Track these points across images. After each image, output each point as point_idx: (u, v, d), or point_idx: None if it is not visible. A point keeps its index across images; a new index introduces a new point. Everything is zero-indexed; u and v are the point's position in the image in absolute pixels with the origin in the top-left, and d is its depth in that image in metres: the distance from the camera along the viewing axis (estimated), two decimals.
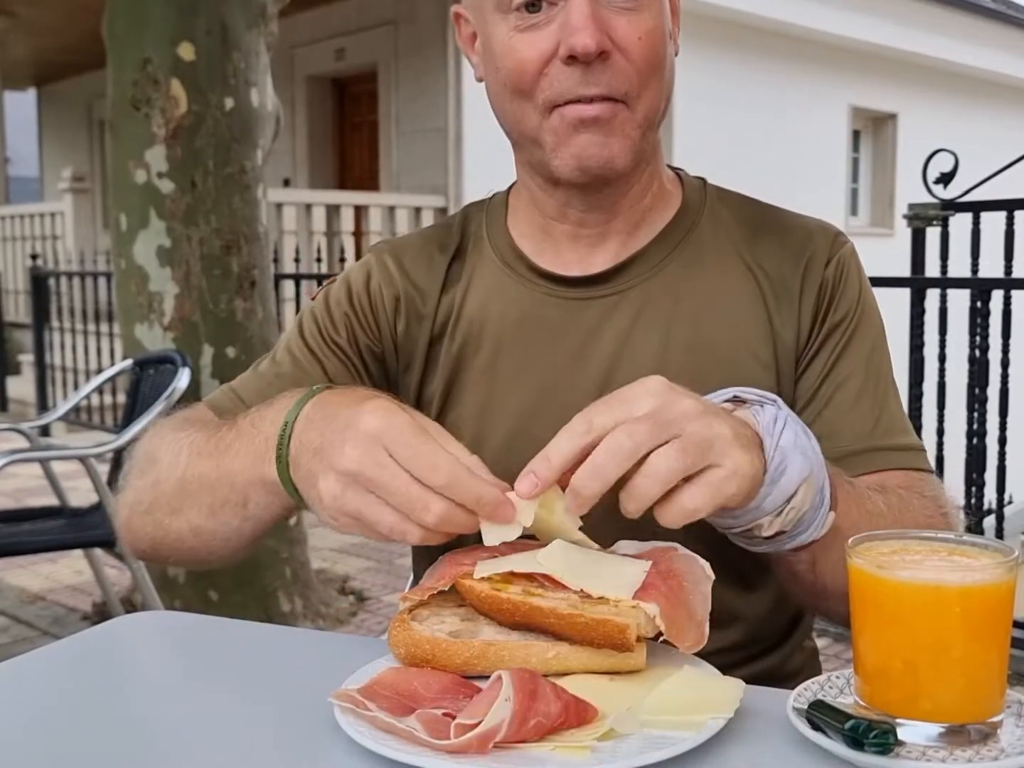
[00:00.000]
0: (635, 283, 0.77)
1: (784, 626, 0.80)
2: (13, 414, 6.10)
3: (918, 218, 2.63)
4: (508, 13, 0.70)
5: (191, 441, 0.70)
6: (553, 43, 0.69)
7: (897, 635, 0.50)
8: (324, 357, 0.80)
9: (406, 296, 0.80)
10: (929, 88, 8.92)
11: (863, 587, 0.52)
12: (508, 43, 0.71)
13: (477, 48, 0.77)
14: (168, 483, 0.70)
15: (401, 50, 6.65)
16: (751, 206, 0.82)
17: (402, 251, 0.82)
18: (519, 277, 0.79)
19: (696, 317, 0.76)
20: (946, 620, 0.49)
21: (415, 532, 0.56)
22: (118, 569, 2.70)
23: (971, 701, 0.50)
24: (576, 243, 0.78)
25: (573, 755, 0.50)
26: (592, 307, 0.77)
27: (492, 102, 0.76)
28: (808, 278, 0.77)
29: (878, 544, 0.54)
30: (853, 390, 0.76)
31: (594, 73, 0.69)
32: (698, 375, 0.73)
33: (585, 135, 0.70)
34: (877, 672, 0.52)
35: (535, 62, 0.70)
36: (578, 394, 0.74)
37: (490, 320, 0.78)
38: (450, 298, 0.80)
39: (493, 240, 0.81)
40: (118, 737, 0.56)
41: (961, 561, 0.52)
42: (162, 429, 0.76)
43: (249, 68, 2.54)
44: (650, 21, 0.70)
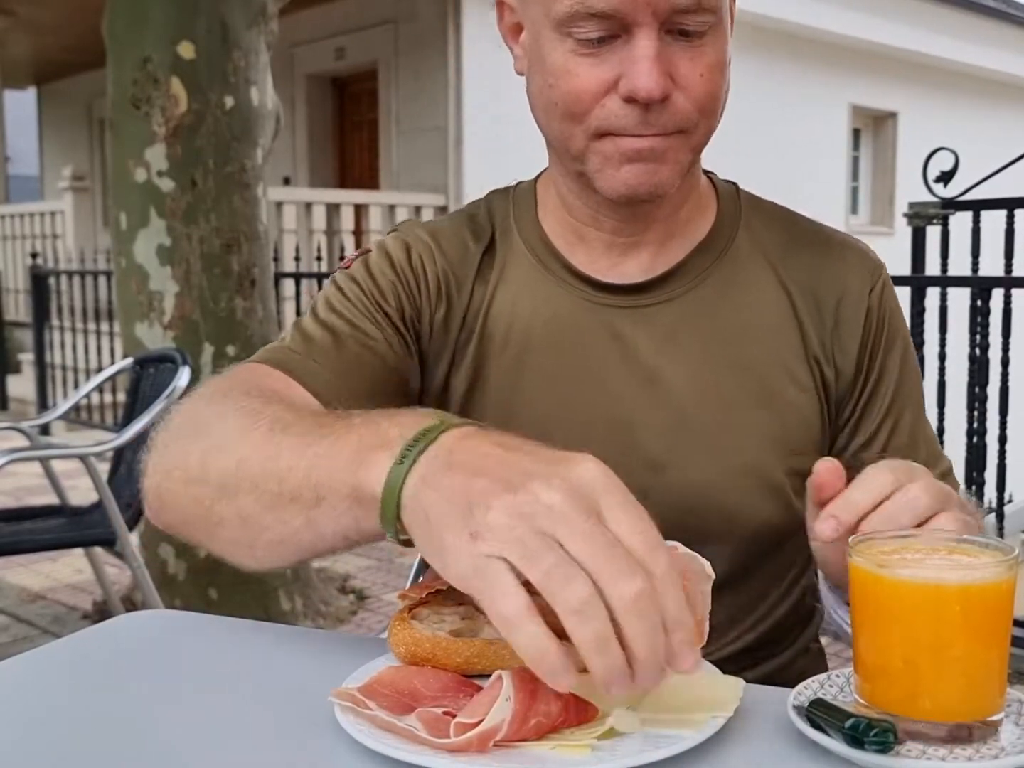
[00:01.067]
0: (674, 295, 0.75)
1: (794, 629, 0.80)
2: (13, 413, 6.11)
3: (918, 217, 2.63)
4: (564, 37, 0.66)
5: (274, 417, 0.57)
6: (613, 75, 0.66)
7: (897, 634, 0.50)
8: (379, 325, 0.73)
9: (445, 279, 0.76)
10: (929, 87, 8.92)
11: (863, 585, 0.52)
12: (565, 65, 0.67)
13: (522, 41, 0.72)
14: (226, 457, 0.57)
15: (401, 49, 6.65)
16: (785, 218, 0.80)
17: (437, 233, 0.78)
18: (553, 276, 0.76)
19: (733, 334, 0.74)
20: (946, 619, 0.49)
21: (600, 617, 0.42)
22: (118, 568, 2.70)
23: (971, 700, 0.50)
24: (609, 250, 0.76)
25: (573, 754, 0.50)
26: (628, 316, 0.75)
27: (533, 105, 0.72)
28: (847, 304, 0.75)
29: (878, 543, 0.54)
30: (908, 425, 0.76)
31: (653, 114, 0.67)
32: (734, 394, 0.73)
33: (638, 164, 0.68)
34: (877, 671, 0.52)
35: (592, 93, 0.67)
36: (611, 403, 0.73)
37: (520, 317, 0.75)
38: (482, 290, 0.76)
39: (523, 233, 0.78)
40: (118, 736, 0.56)
41: (961, 560, 0.52)
42: (222, 391, 0.64)
43: (249, 67, 2.53)
44: (712, 55, 0.67)
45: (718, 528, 0.73)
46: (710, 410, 0.73)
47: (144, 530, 2.58)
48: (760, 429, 0.73)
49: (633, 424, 0.73)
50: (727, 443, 0.73)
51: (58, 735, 0.56)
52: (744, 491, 0.73)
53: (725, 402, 0.73)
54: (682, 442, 0.73)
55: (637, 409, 0.73)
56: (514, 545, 0.43)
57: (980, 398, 2.54)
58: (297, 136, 7.33)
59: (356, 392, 0.68)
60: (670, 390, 0.73)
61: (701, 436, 0.73)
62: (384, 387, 0.72)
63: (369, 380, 0.71)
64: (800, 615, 0.81)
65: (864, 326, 0.75)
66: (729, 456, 0.73)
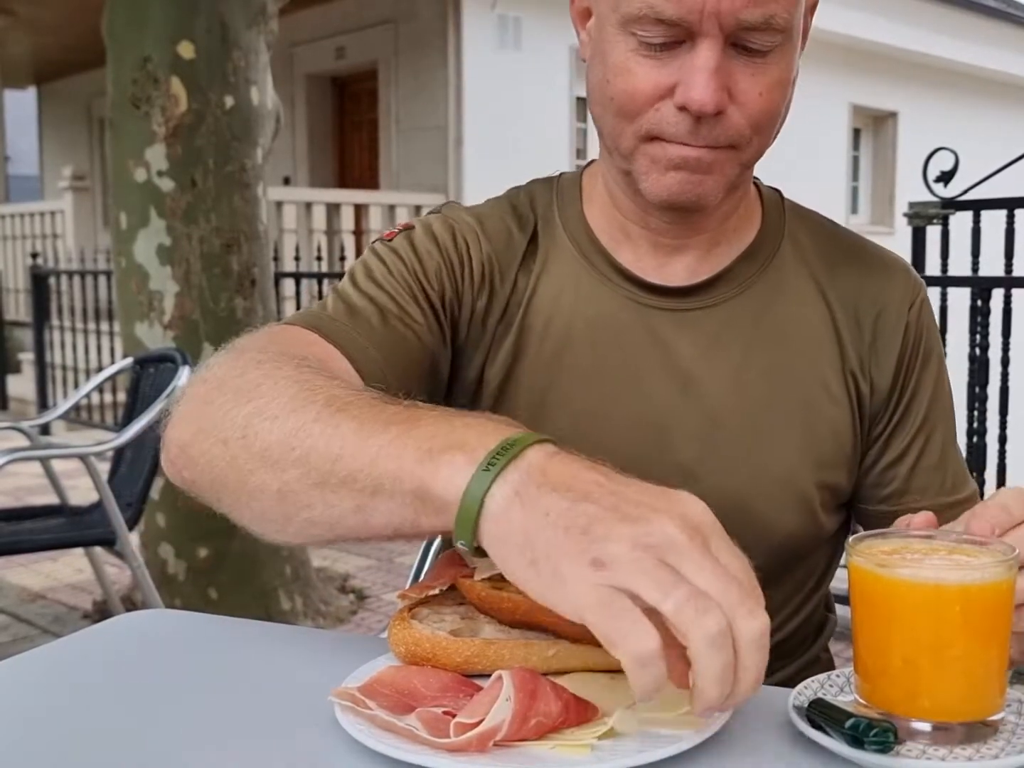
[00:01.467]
0: (718, 301, 0.75)
1: (807, 640, 0.80)
2: (13, 412, 6.11)
3: (918, 216, 2.63)
4: (627, 36, 0.66)
5: (331, 394, 0.54)
6: (671, 81, 0.65)
7: (897, 633, 0.50)
8: (420, 307, 0.70)
9: (489, 266, 0.74)
10: (930, 87, 8.92)
11: (863, 585, 0.52)
12: (625, 63, 0.66)
13: (589, 27, 0.71)
14: (277, 428, 0.53)
15: (401, 48, 6.65)
16: (828, 230, 0.80)
17: (482, 217, 0.76)
18: (598, 273, 0.75)
19: (773, 343, 0.74)
20: (946, 619, 0.49)
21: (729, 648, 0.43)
22: (118, 567, 2.70)
23: (971, 699, 0.50)
24: (655, 249, 0.75)
25: (573, 753, 0.50)
26: (671, 318, 0.74)
27: (591, 95, 0.71)
28: (887, 319, 0.75)
29: (879, 542, 0.54)
30: (939, 444, 0.76)
31: (706, 127, 0.66)
32: (770, 404, 0.73)
33: (683, 172, 0.67)
34: (877, 670, 0.52)
35: (648, 95, 0.66)
36: (647, 405, 0.73)
37: (561, 312, 0.74)
38: (524, 280, 0.75)
39: (568, 226, 0.77)
40: (118, 735, 0.56)
41: (961, 559, 0.52)
42: (272, 353, 0.60)
43: (249, 66, 2.53)
44: (776, 74, 0.66)
45: (745, 537, 0.72)
46: (745, 418, 0.73)
47: (144, 530, 2.58)
48: (793, 440, 0.73)
49: (667, 428, 0.73)
50: (760, 452, 0.73)
51: (58, 735, 0.56)
52: (773, 501, 0.72)
53: (760, 411, 0.73)
54: (715, 449, 0.73)
55: (672, 413, 0.73)
56: (642, 577, 0.43)
57: (980, 398, 2.54)
58: (297, 136, 7.33)
59: (397, 374, 0.66)
60: (706, 396, 0.73)
61: (734, 444, 0.73)
62: (419, 371, 0.70)
63: (408, 362, 0.68)
64: (814, 625, 0.80)
65: (902, 342, 0.75)
66: (761, 466, 0.72)
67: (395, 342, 0.68)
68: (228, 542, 2.45)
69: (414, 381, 0.68)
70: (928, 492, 0.75)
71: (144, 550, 2.57)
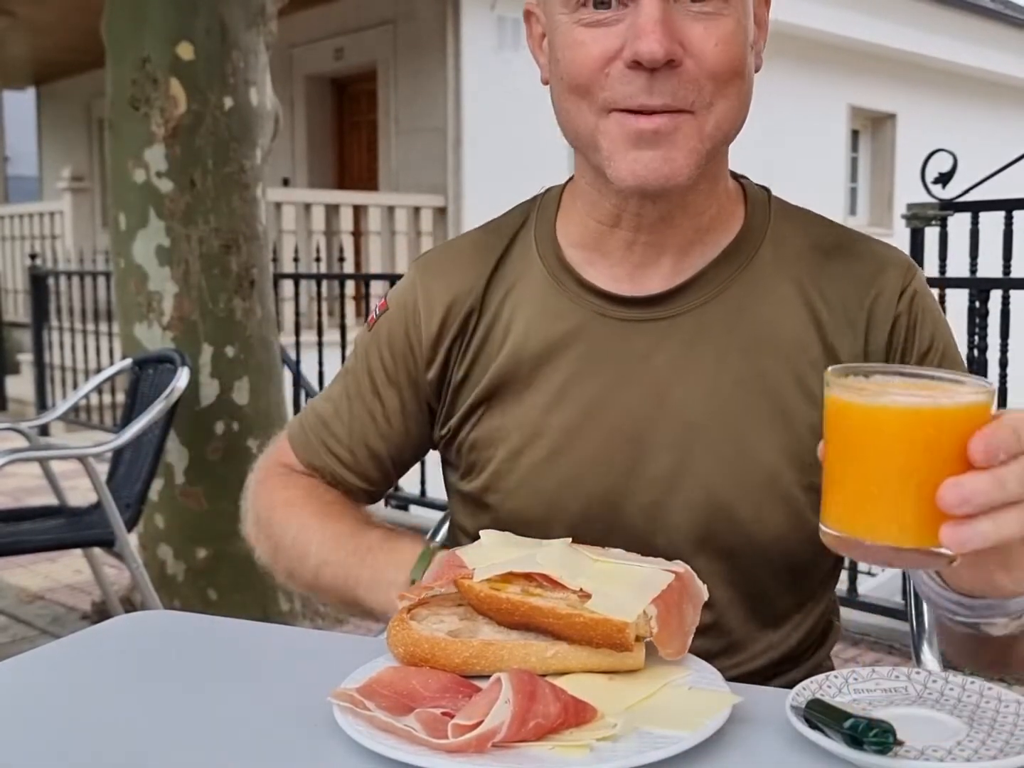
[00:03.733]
0: (691, 307, 0.73)
1: (809, 649, 0.79)
2: (12, 413, 6.10)
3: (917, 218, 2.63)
4: (575, 11, 0.66)
5: (321, 540, 0.80)
6: (618, 43, 0.65)
7: (871, 460, 0.50)
8: (399, 389, 0.81)
9: (451, 311, 0.78)
10: (928, 88, 8.93)
11: (841, 413, 0.51)
12: (571, 35, 0.66)
13: (544, 48, 0.73)
14: (299, 567, 0.82)
15: (400, 49, 6.65)
16: (817, 227, 0.77)
17: (442, 266, 0.80)
18: (566, 291, 0.75)
19: (749, 348, 0.72)
20: (919, 442, 0.49)
21: None
22: (117, 568, 2.70)
23: (932, 524, 0.49)
24: (630, 254, 0.74)
25: (572, 754, 0.50)
26: (643, 330, 0.73)
27: (554, 106, 0.72)
28: (876, 312, 0.73)
29: (853, 376, 0.53)
30: None
31: (659, 81, 0.64)
32: (748, 406, 0.72)
33: (646, 152, 0.66)
34: (847, 496, 0.51)
35: (597, 60, 0.65)
36: (621, 417, 0.73)
37: (534, 334, 0.75)
38: (493, 308, 0.77)
39: (540, 246, 0.78)
40: (117, 736, 0.56)
41: (936, 389, 0.51)
42: (287, 486, 0.84)
43: (248, 67, 2.53)
44: (729, 26, 0.65)
45: (733, 543, 0.72)
46: (724, 424, 0.72)
47: (143, 531, 2.58)
48: (773, 445, 0.72)
49: (644, 439, 0.73)
50: (740, 458, 0.72)
51: (57, 735, 0.56)
52: (757, 506, 0.72)
53: (738, 417, 0.72)
54: (694, 457, 0.72)
55: (648, 424, 0.73)
56: None
57: None
58: (296, 137, 7.33)
59: (382, 449, 0.83)
60: (682, 404, 0.72)
61: (714, 451, 0.72)
62: (411, 434, 0.83)
63: (395, 439, 0.83)
64: (816, 635, 0.79)
65: (890, 334, 0.73)
66: (742, 471, 0.72)
67: (380, 435, 0.83)
68: (227, 543, 2.45)
69: (408, 443, 0.83)
70: None
71: (143, 551, 2.57)
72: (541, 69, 0.74)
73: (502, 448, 0.75)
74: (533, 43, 0.75)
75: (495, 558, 0.62)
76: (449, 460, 0.82)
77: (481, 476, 0.77)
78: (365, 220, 6.06)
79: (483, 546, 0.65)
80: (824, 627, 0.80)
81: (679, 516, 0.72)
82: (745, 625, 0.74)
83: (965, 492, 0.48)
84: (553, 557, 0.61)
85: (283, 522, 0.82)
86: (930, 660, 0.90)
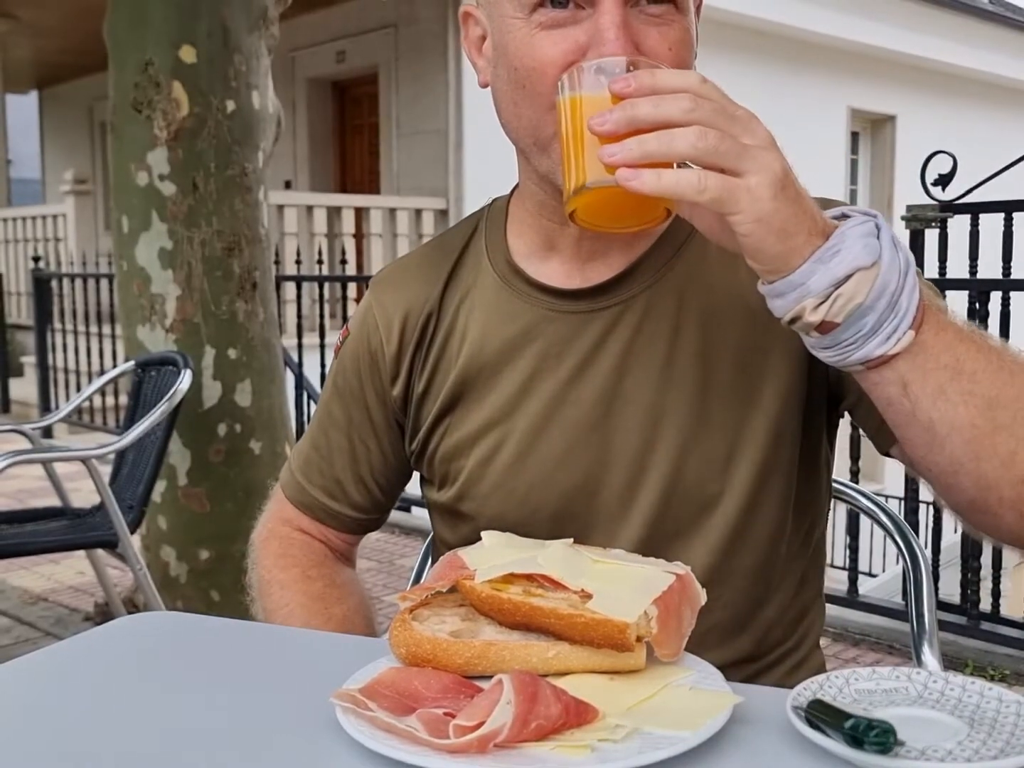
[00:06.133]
0: (638, 291, 0.74)
1: (792, 635, 0.79)
2: (15, 415, 6.11)
3: (916, 220, 2.63)
4: (532, 12, 0.67)
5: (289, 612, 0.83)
6: (577, 45, 0.66)
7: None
8: (368, 410, 0.83)
9: (408, 322, 0.80)
10: (928, 90, 8.92)
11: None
12: (529, 40, 0.67)
13: (485, 50, 0.73)
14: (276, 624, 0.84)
15: (401, 52, 6.65)
16: None
17: (395, 281, 0.82)
18: (518, 293, 0.77)
19: (702, 321, 0.73)
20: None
21: None
22: (120, 570, 2.70)
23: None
24: (579, 249, 0.75)
25: (573, 754, 0.50)
26: (595, 320, 0.75)
27: (500, 107, 0.72)
28: None
29: None
30: None
31: None
32: (706, 382, 0.73)
33: None
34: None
35: (557, 63, 0.66)
36: (583, 408, 0.74)
37: (491, 339, 0.77)
38: (449, 318, 0.79)
39: (491, 253, 0.79)
40: (120, 737, 0.56)
41: None
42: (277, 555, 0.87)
43: (250, 71, 2.54)
44: (679, 31, 0.67)
45: (702, 520, 0.73)
46: (684, 403, 0.73)
47: (146, 532, 2.58)
48: (737, 409, 0.72)
49: (606, 427, 0.74)
50: (706, 434, 0.72)
51: (60, 736, 0.56)
52: (730, 480, 0.72)
53: (699, 392, 0.73)
54: (659, 440, 0.73)
55: (609, 412, 0.74)
56: None
57: None
58: (298, 140, 7.34)
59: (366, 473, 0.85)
60: (641, 386, 0.73)
61: (678, 431, 0.73)
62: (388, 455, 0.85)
63: (375, 462, 0.85)
64: (793, 618, 0.79)
65: None
66: (710, 447, 0.72)
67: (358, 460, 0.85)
68: (229, 544, 2.45)
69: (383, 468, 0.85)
70: None
71: (146, 552, 2.57)
72: (479, 72, 0.74)
73: (472, 456, 0.77)
74: (470, 45, 0.75)
75: (497, 559, 0.62)
76: (423, 474, 0.84)
77: (455, 486, 0.78)
78: (367, 223, 6.06)
79: (484, 547, 0.65)
80: (805, 610, 0.80)
81: (653, 498, 0.73)
82: (722, 609, 0.74)
83: (605, 116, 0.56)
84: (554, 558, 0.61)
85: (277, 602, 0.84)
86: (930, 660, 0.91)
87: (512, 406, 0.76)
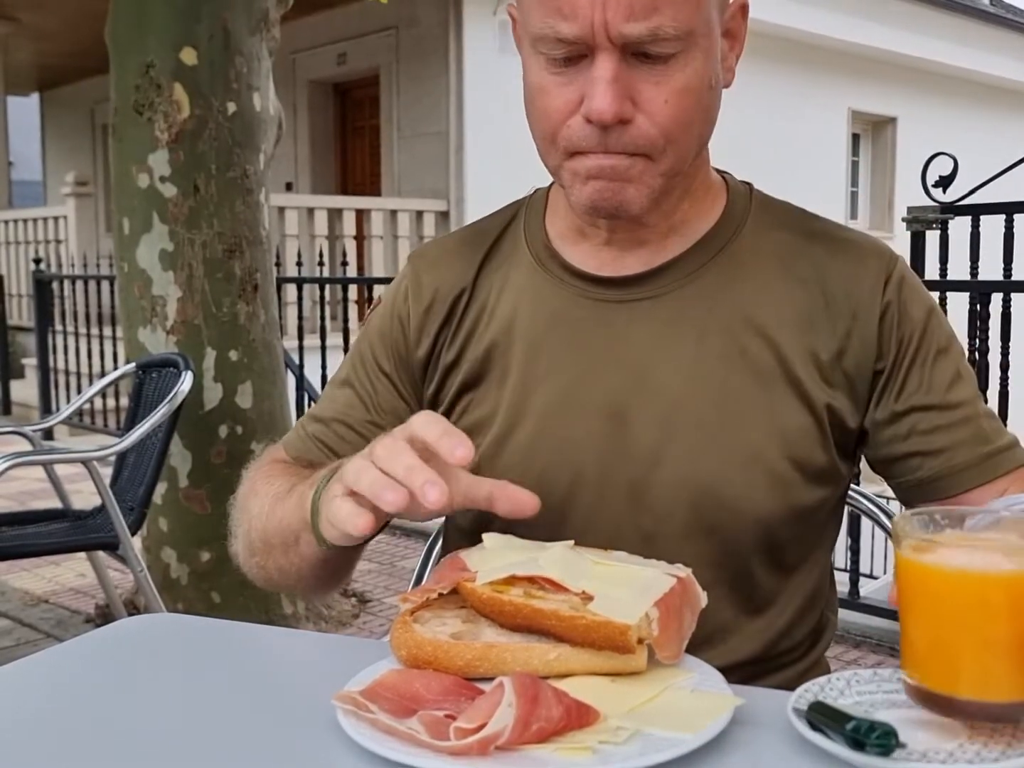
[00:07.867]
0: (669, 289, 0.76)
1: (803, 643, 0.79)
2: (16, 417, 6.11)
3: (917, 221, 2.64)
4: (540, 55, 0.70)
5: (275, 492, 0.77)
6: (578, 96, 0.68)
7: (947, 619, 0.50)
8: (389, 376, 0.83)
9: (439, 295, 0.81)
10: (928, 92, 8.93)
11: (907, 572, 0.51)
12: (540, 83, 0.70)
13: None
14: (257, 531, 0.78)
15: (402, 55, 6.66)
16: (797, 218, 0.79)
17: (433, 257, 0.84)
18: (551, 276, 0.79)
19: (730, 327, 0.74)
20: (992, 606, 0.49)
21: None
22: (121, 571, 2.70)
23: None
24: (609, 245, 0.78)
25: (574, 756, 0.50)
26: (622, 309, 0.76)
27: (526, 113, 0.75)
28: (860, 298, 0.74)
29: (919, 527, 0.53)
30: (954, 402, 0.76)
31: (612, 136, 0.68)
32: (729, 384, 0.74)
33: (601, 182, 0.70)
34: (929, 653, 0.51)
35: (559, 112, 0.69)
36: (603, 396, 0.75)
37: (520, 319, 0.78)
38: (483, 297, 0.80)
39: (529, 238, 0.82)
40: (121, 739, 0.56)
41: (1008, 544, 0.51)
42: (254, 477, 0.83)
43: (251, 73, 2.54)
44: (681, 80, 0.68)
45: (718, 521, 0.73)
46: (706, 400, 0.73)
47: (146, 534, 2.59)
48: (758, 419, 0.73)
49: (626, 417, 0.74)
50: (723, 436, 0.73)
51: (62, 737, 0.56)
52: (743, 483, 0.73)
53: (722, 393, 0.74)
54: (677, 435, 0.73)
55: (630, 402, 0.74)
56: None
57: None
58: (299, 142, 7.34)
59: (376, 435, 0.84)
60: (664, 383, 0.74)
61: (696, 429, 0.73)
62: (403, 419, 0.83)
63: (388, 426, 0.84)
64: (806, 631, 0.79)
65: (880, 320, 0.74)
66: (726, 448, 0.73)
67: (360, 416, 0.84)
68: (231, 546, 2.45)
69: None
70: (958, 452, 0.74)
71: (146, 554, 2.57)
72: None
73: (489, 434, 0.77)
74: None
75: (498, 561, 0.62)
76: None
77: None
78: (368, 224, 6.07)
79: (486, 549, 0.65)
80: (815, 625, 0.80)
81: (663, 493, 0.73)
82: (727, 610, 0.74)
83: None
84: (555, 560, 0.61)
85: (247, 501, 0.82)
86: None
87: (532, 386, 0.77)
